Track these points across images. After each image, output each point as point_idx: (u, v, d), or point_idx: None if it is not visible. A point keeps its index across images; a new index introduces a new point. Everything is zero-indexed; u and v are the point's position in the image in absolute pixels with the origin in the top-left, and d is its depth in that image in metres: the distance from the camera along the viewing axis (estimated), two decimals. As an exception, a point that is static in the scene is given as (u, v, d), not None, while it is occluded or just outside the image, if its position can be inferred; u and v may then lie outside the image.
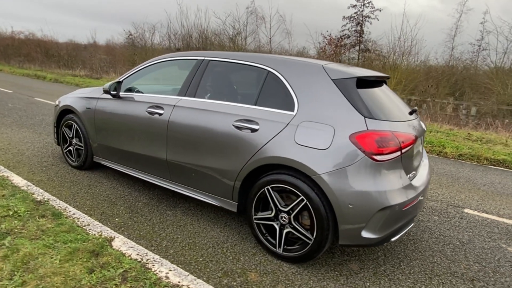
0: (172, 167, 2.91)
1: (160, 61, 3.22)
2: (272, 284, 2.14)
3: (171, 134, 2.83)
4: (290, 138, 2.23)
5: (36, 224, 2.53)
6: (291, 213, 2.30)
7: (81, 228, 2.57)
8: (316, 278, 2.25)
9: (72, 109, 3.74)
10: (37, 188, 3.25)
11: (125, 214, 2.93)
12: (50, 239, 2.35)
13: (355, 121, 2.13)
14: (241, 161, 2.44)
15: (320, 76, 2.34)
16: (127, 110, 3.19)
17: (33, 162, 4.01)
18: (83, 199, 3.16)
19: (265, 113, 2.41)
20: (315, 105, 2.27)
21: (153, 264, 2.22)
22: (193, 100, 2.79)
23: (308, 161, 2.14)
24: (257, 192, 2.42)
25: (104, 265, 2.13)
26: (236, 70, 2.77)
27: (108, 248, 2.32)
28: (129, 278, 2.03)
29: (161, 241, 2.55)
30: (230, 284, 2.11)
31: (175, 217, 2.96)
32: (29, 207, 2.78)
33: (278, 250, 2.38)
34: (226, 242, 2.61)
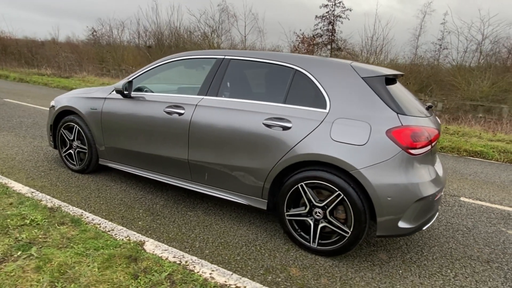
0: (194, 167, 2.87)
1: (173, 60, 3.15)
2: (315, 278, 2.20)
3: (193, 134, 2.79)
4: (326, 135, 2.29)
5: (58, 232, 2.40)
6: (326, 208, 2.36)
7: (107, 234, 2.47)
8: (352, 269, 2.33)
9: (74, 110, 3.55)
10: (43, 195, 3.07)
11: (146, 217, 2.84)
12: (80, 246, 2.24)
13: (389, 118, 2.23)
14: (273, 159, 2.47)
15: (349, 75, 2.42)
16: (141, 110, 3.09)
17: (28, 167, 3.76)
18: (96, 204, 3.03)
19: (297, 111, 2.45)
20: (347, 103, 2.35)
21: (194, 266, 2.20)
22: (217, 99, 2.77)
23: (346, 157, 2.21)
24: (289, 189, 2.46)
25: (146, 270, 2.07)
26: (260, 69, 2.78)
27: (143, 253, 2.26)
28: (177, 281, 2.00)
29: (192, 242, 2.52)
30: (275, 281, 2.14)
31: (197, 217, 2.92)
32: (44, 214, 2.62)
33: (312, 245, 2.44)
34: (256, 240, 2.63)
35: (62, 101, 3.72)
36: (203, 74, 3.31)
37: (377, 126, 2.21)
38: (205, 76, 3.12)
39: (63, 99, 3.74)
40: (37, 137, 5.08)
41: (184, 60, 3.13)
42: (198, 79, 3.45)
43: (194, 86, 3.03)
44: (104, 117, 3.33)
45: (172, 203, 3.16)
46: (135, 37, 23.12)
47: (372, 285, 2.17)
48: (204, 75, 3.40)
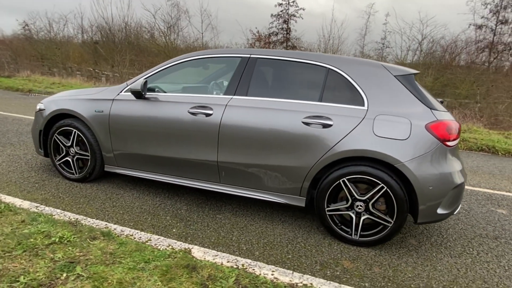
0: (224, 169, 2.80)
1: (190, 59, 3.02)
2: (368, 268, 2.31)
3: (224, 134, 2.72)
4: (369, 131, 2.40)
5: (96, 247, 2.19)
6: (368, 202, 2.48)
7: (147, 245, 2.32)
8: (395, 256, 2.48)
9: (72, 113, 3.23)
10: (51, 208, 2.77)
11: (178, 224, 2.71)
12: (128, 261, 2.08)
13: (424, 113, 2.41)
14: (313, 157, 2.52)
15: (383, 73, 2.55)
16: (160, 111, 2.92)
17: (15, 179, 3.34)
18: (116, 214, 2.81)
19: (336, 109, 2.52)
20: (384, 100, 2.48)
21: (253, 268, 2.17)
22: (248, 98, 2.73)
23: (391, 152, 2.34)
24: (330, 185, 2.53)
25: (210, 277, 2.00)
26: (290, 68, 2.79)
27: (197, 261, 2.17)
28: (248, 285, 1.96)
29: (238, 245, 2.47)
30: (335, 274, 2.20)
31: (229, 219, 2.86)
32: (70, 230, 2.37)
33: (354, 237, 2.54)
34: (296, 237, 2.66)
35: (55, 104, 3.35)
36: (211, 72, 3.25)
37: (416, 121, 2.38)
38: (222, 75, 3.06)
39: (56, 101, 3.38)
40: (7, 145, 4.51)
41: (205, 59, 3.03)
42: (213, 78, 3.38)
43: (201, 85, 2.95)
44: (113, 120, 3.08)
45: (196, 207, 3.05)
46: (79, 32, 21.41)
47: (418, 269, 2.34)
48: (215, 74, 3.34)
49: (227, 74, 3.30)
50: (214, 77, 3.42)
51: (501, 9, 15.10)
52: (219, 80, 3.45)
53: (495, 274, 2.35)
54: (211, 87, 3.40)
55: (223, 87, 3.44)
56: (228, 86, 2.84)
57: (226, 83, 3.48)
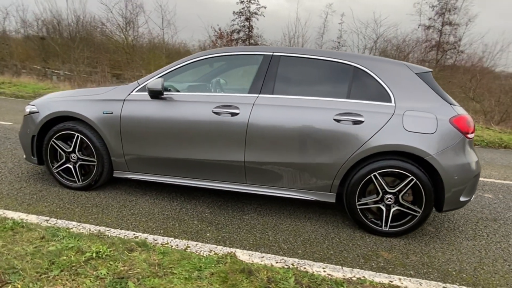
0: (251, 169, 2.75)
1: (208, 57, 2.91)
2: (405, 257, 2.42)
3: (252, 134, 2.67)
4: (399, 127, 2.51)
5: (139, 259, 2.04)
6: (398, 194, 2.60)
7: (190, 252, 2.21)
8: (422, 243, 2.63)
9: (75, 115, 2.94)
10: (65, 221, 2.52)
11: (208, 228, 2.61)
12: (180, 270, 1.96)
13: (446, 108, 2.58)
14: (345, 153, 2.57)
15: (405, 71, 2.68)
16: (180, 112, 2.78)
17: (6, 191, 2.97)
18: (140, 222, 2.63)
19: (366, 106, 2.59)
20: (409, 96, 2.60)
21: (304, 267, 2.17)
22: (277, 97, 2.70)
23: (421, 145, 2.47)
24: (361, 180, 2.60)
25: (270, 280, 1.96)
26: (314, 66, 2.80)
27: (248, 264, 2.11)
28: (311, 285, 1.96)
29: (278, 244, 2.45)
30: (380, 266, 2.28)
31: (257, 220, 2.82)
32: (102, 243, 2.17)
33: (384, 229, 2.65)
34: (329, 233, 2.70)
35: (52, 106, 3.03)
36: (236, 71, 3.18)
37: (440, 116, 2.53)
38: (237, 73, 3.00)
39: (52, 103, 3.06)
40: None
41: (223, 57, 2.94)
42: (228, 77, 3.30)
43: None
44: (125, 122, 2.87)
45: (219, 209, 2.96)
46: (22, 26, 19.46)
47: (447, 253, 2.51)
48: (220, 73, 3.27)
49: (235, 72, 3.24)
50: (227, 75, 3.34)
51: (446, 12, 16.59)
52: (217, 78, 3.37)
53: (510, 253, 2.60)
54: (211, 86, 3.30)
55: (223, 85, 3.36)
56: (252, 84, 2.78)
57: (223, 81, 3.42)
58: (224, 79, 3.39)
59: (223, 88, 3.35)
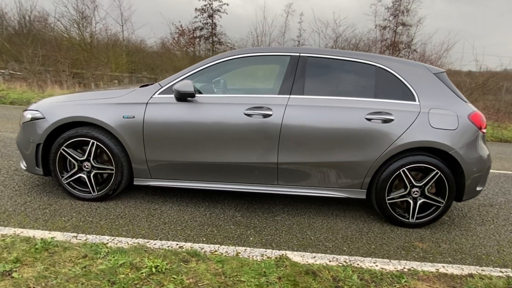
0: (284, 170, 2.75)
1: (233, 57, 2.84)
2: (437, 245, 2.59)
3: (286, 135, 2.67)
4: (426, 124, 2.67)
5: (201, 270, 1.95)
6: (423, 187, 2.76)
7: (244, 258, 2.16)
8: (444, 232, 2.84)
9: (90, 120, 2.71)
10: (96, 236, 2.32)
11: (248, 232, 2.57)
12: (247, 278, 1.92)
13: (463, 105, 2.80)
14: (377, 151, 2.68)
15: (425, 71, 2.85)
16: (210, 114, 2.69)
17: (12, 208, 2.65)
18: (177, 231, 2.50)
19: (394, 105, 2.72)
20: (431, 95, 2.78)
21: (357, 263, 2.23)
22: (308, 97, 2.72)
23: (446, 141, 2.66)
24: (391, 176, 2.73)
25: (336, 279, 2.00)
26: (340, 66, 2.85)
27: (307, 266, 2.13)
28: (375, 280, 2.02)
29: (322, 243, 2.49)
30: (420, 255, 2.42)
31: (289, 220, 2.83)
32: (154, 256, 2.04)
33: (411, 220, 2.81)
34: (362, 228, 2.80)
35: (61, 110, 2.76)
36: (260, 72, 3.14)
37: (460, 113, 2.74)
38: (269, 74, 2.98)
39: (61, 108, 2.78)
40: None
41: (249, 58, 2.88)
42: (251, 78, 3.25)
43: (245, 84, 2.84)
44: (149, 127, 2.70)
45: (248, 212, 2.92)
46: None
47: (468, 239, 2.73)
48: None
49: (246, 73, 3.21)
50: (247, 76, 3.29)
51: (400, 13, 17.77)
52: (217, 79, 3.31)
53: (517, 234, 2.90)
54: (212, 86, 3.22)
55: (223, 86, 3.30)
56: (282, 85, 2.78)
57: (223, 81, 3.38)
58: (223, 79, 3.29)
59: (227, 88, 3.29)
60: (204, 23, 21.13)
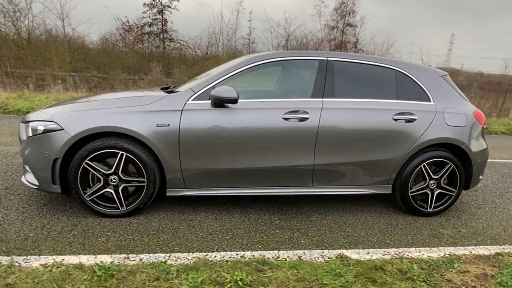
0: (319, 171, 2.84)
1: (264, 62, 2.82)
2: (457, 231, 2.90)
3: (323, 137, 2.75)
4: (442, 122, 2.96)
5: (282, 277, 1.95)
6: (439, 179, 3.06)
7: (310, 261, 2.21)
8: (454, 218, 3.18)
9: (120, 131, 2.49)
10: (151, 255, 2.17)
11: (294, 235, 2.60)
12: (328, 281, 1.97)
13: (467, 104, 3.15)
14: (403, 149, 2.90)
15: (434, 74, 3.14)
16: (248, 119, 2.66)
17: (34, 234, 2.34)
18: (228, 240, 2.44)
19: (415, 105, 2.95)
20: (442, 96, 3.07)
21: (406, 254, 2.42)
22: (340, 100, 2.83)
23: (459, 136, 2.98)
24: (413, 171, 2.98)
25: (402, 272, 2.14)
26: (364, 70, 3.00)
27: (370, 262, 2.24)
28: (434, 268, 2.21)
29: (366, 238, 2.63)
30: (449, 241, 2.69)
31: (325, 220, 2.92)
32: (233, 269, 1.98)
33: (429, 210, 3.10)
34: (390, 221, 3.00)
35: (83, 120, 2.48)
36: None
37: (466, 111, 3.08)
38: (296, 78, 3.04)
39: (83, 117, 2.51)
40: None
41: (278, 62, 2.89)
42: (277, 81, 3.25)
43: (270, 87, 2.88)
44: (186, 135, 2.58)
45: (283, 215, 2.94)
46: None
47: (478, 222, 3.10)
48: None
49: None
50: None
51: (346, 14, 18.92)
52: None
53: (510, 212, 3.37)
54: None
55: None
56: (314, 88, 2.84)
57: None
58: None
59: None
60: (153, 19, 20.21)
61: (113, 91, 3.72)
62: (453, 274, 2.16)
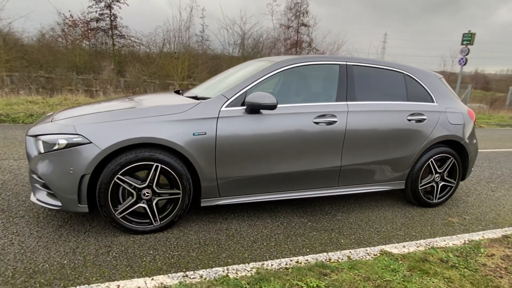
0: (345, 172, 2.95)
1: (291, 66, 2.84)
2: (462, 218, 3.23)
3: (349, 139, 2.87)
4: (446, 121, 3.26)
5: (350, 279, 2.01)
6: (443, 173, 3.37)
7: (361, 259, 2.30)
8: (453, 207, 3.52)
9: (157, 142, 2.34)
10: (209, 270, 2.09)
11: (331, 235, 2.68)
12: (390, 276, 2.08)
13: (461, 104, 3.50)
14: (416, 146, 3.14)
15: (434, 77, 3.44)
16: (282, 125, 2.66)
17: (67, 261, 2.10)
18: (273, 247, 2.43)
19: (423, 106, 3.21)
20: (442, 97, 3.38)
21: (435, 244, 2.63)
22: (362, 103, 2.96)
23: (459, 133, 3.31)
24: (422, 166, 3.25)
25: (444, 261, 2.34)
26: (377, 74, 3.16)
27: (413, 255, 2.41)
28: (466, 254, 2.44)
29: (395, 232, 2.80)
30: (462, 228, 2.99)
31: (350, 218, 3.05)
32: (299, 276, 1.98)
33: (435, 201, 3.40)
34: (406, 214, 3.22)
35: (111, 132, 2.27)
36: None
37: (462, 110, 3.43)
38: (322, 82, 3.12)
39: (110, 128, 2.30)
40: None
41: (303, 67, 2.92)
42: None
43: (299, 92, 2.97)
44: (223, 142, 2.50)
45: (311, 216, 3.01)
46: None
47: (474, 209, 3.48)
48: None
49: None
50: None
51: (300, 14, 19.52)
52: None
53: (500, 198, 3.82)
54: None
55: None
56: (338, 92, 2.94)
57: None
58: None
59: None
60: (101, 14, 18.89)
61: (120, 98, 3.48)
62: (483, 259, 2.42)
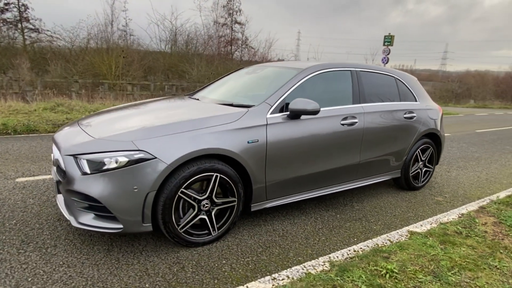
0: (362, 165, 3.33)
1: (318, 72, 3.08)
2: (444, 197, 3.89)
3: (365, 137, 3.25)
4: (428, 117, 3.88)
5: (408, 257, 2.36)
6: (425, 160, 4.02)
7: (398, 241, 2.69)
8: (440, 186, 4.21)
9: (221, 152, 2.35)
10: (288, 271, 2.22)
11: (361, 224, 3.02)
12: (431, 251, 2.50)
13: (432, 102, 4.18)
14: (411, 139, 3.69)
15: (414, 79, 4.04)
16: (318, 128, 2.89)
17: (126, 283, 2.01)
18: (328, 241, 2.65)
19: (412, 105, 3.77)
20: (421, 96, 4.00)
21: (440, 220, 3.18)
22: (370, 105, 3.35)
23: (437, 126, 3.98)
24: (412, 156, 3.82)
25: (458, 232, 2.86)
26: (376, 78, 3.58)
27: (434, 231, 2.89)
28: (472, 226, 3.02)
29: (406, 215, 3.28)
30: (449, 205, 3.62)
31: (365, 208, 3.44)
32: (365, 265, 2.25)
33: (420, 184, 4.04)
34: (404, 199, 3.75)
35: (174, 146, 2.20)
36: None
37: (435, 107, 4.11)
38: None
39: (171, 142, 2.22)
40: None
41: (325, 73, 3.16)
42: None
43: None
44: (273, 148, 2.61)
45: (335, 209, 3.31)
46: None
47: (447, 188, 4.21)
48: None
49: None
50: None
51: (233, 12, 19.69)
52: None
53: (481, 172, 4.66)
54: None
55: None
56: (353, 96, 3.28)
57: None
58: None
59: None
60: (6, 4, 16.24)
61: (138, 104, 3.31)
62: (482, 227, 3.03)
